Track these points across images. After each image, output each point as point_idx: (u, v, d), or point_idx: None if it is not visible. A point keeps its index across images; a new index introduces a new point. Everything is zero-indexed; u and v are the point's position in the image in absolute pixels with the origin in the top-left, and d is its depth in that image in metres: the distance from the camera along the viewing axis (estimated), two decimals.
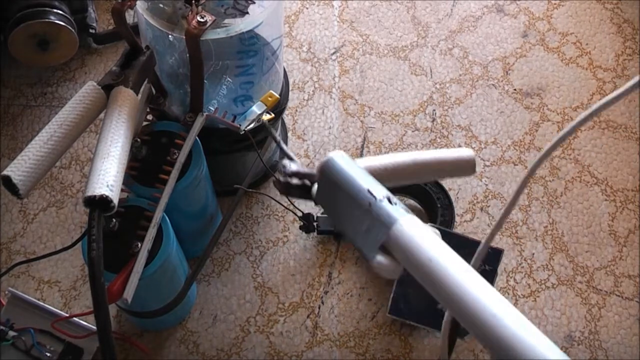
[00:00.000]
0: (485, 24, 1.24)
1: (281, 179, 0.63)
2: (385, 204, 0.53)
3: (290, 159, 0.73)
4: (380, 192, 0.54)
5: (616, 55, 1.20)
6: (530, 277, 0.98)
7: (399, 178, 0.65)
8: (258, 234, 1.00)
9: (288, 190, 0.64)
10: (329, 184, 0.58)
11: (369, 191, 0.54)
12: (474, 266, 0.78)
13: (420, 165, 0.65)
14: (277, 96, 0.80)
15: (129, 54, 0.72)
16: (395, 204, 0.53)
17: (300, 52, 1.19)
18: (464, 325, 0.46)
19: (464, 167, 0.68)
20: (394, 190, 1.01)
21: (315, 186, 0.62)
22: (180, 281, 0.82)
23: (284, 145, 0.77)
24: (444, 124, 1.12)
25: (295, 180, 0.62)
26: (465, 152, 0.67)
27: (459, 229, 1.02)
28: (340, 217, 0.58)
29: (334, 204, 0.59)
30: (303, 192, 0.63)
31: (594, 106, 0.62)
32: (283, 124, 1.07)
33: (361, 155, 1.08)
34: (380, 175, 0.62)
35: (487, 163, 1.08)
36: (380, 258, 0.51)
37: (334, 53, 1.19)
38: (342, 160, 0.58)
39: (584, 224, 1.03)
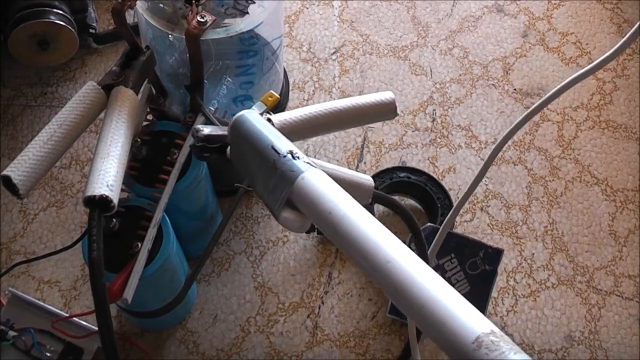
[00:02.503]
0: (485, 24, 1.24)
1: (196, 144, 0.63)
2: (288, 159, 0.52)
3: (211, 122, 0.71)
4: (284, 147, 0.53)
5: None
6: (530, 277, 0.98)
7: (319, 129, 0.64)
8: (258, 234, 1.00)
9: (204, 154, 0.63)
10: (239, 143, 0.58)
11: (272, 147, 0.53)
12: (436, 246, 0.75)
13: (339, 113, 0.64)
14: (277, 96, 0.80)
15: (129, 54, 0.72)
16: (298, 157, 0.52)
17: (300, 52, 1.19)
18: (366, 272, 0.46)
19: (385, 111, 0.66)
20: (393, 191, 1.02)
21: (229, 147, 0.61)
22: (180, 281, 0.82)
23: (206, 110, 0.76)
24: (444, 123, 1.12)
25: (209, 144, 0.62)
26: (384, 95, 0.66)
27: (459, 229, 1.02)
28: (251, 176, 0.57)
29: (245, 163, 0.58)
30: (219, 154, 0.63)
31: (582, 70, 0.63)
32: None
33: (361, 156, 1.08)
34: (298, 128, 0.61)
35: None
36: (286, 214, 0.51)
37: (334, 53, 1.19)
38: (251, 117, 0.58)
39: (584, 224, 1.03)
